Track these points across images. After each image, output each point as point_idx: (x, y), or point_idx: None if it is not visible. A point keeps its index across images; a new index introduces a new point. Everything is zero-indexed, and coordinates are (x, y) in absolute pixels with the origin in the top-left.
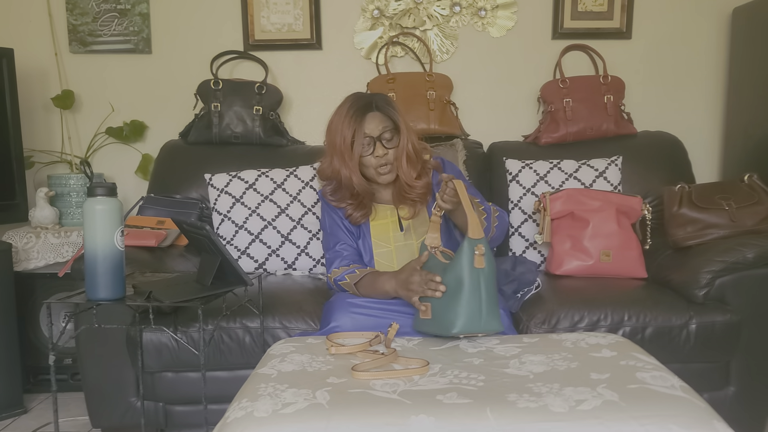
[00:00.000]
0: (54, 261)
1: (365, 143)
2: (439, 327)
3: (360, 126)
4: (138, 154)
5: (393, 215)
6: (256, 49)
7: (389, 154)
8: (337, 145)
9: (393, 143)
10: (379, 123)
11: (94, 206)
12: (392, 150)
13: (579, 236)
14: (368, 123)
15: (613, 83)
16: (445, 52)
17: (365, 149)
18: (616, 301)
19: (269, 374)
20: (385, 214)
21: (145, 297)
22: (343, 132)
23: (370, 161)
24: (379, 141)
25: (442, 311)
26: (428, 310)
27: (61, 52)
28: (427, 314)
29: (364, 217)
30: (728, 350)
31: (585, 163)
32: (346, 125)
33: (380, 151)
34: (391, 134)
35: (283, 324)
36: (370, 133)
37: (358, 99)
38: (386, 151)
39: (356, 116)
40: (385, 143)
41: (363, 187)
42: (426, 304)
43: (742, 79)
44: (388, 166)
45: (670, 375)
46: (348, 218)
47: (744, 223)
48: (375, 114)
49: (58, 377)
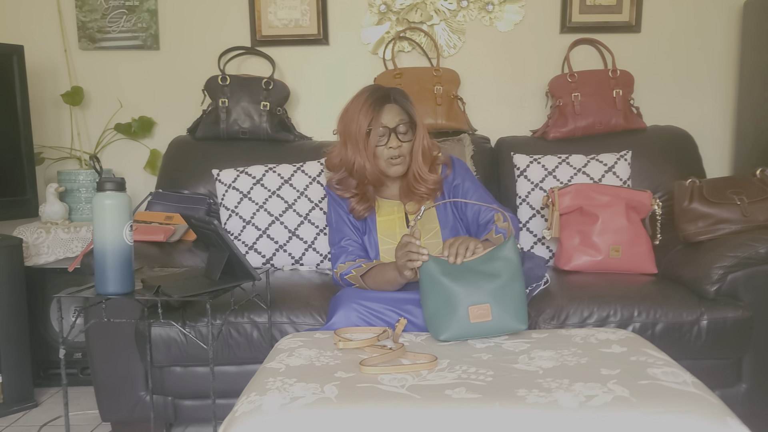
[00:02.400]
0: (64, 256)
1: (381, 133)
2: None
3: (377, 116)
4: (146, 149)
5: (400, 211)
6: (264, 45)
7: (403, 147)
8: (353, 132)
9: (407, 137)
10: (396, 115)
11: (103, 201)
12: (406, 144)
13: (588, 231)
14: (385, 114)
15: (622, 77)
16: (453, 46)
17: (380, 140)
18: (626, 296)
19: (277, 368)
20: (391, 210)
21: (154, 291)
22: (360, 121)
23: (383, 152)
24: (395, 133)
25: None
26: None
27: (71, 48)
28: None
29: (367, 210)
30: (740, 347)
31: (594, 157)
32: (363, 114)
33: (394, 142)
34: (406, 128)
35: (290, 319)
36: (386, 124)
37: (376, 90)
38: (400, 144)
39: (374, 106)
40: (400, 136)
41: (374, 176)
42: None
43: (754, 73)
44: (400, 158)
45: (682, 371)
46: (351, 212)
47: (756, 218)
48: (392, 106)
49: (68, 371)
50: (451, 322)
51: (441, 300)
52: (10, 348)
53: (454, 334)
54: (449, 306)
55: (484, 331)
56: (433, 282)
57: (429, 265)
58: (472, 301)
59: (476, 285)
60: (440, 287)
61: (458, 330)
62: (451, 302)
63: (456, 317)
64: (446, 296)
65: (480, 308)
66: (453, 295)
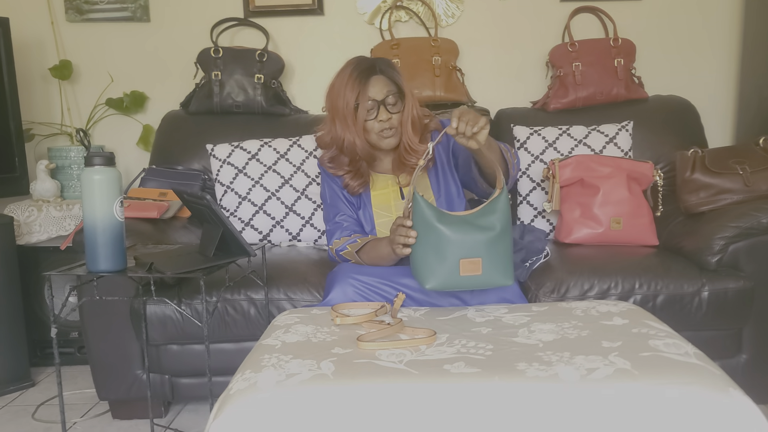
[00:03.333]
0: (56, 234)
1: (369, 107)
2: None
3: (364, 89)
4: (139, 125)
5: (394, 184)
6: (257, 16)
7: (393, 118)
8: (340, 109)
9: (397, 108)
10: (384, 87)
11: (92, 176)
12: (396, 115)
13: (589, 204)
14: (372, 86)
15: (623, 46)
16: (451, 16)
17: (369, 113)
18: (627, 268)
19: (273, 345)
20: (385, 184)
21: (147, 268)
22: (346, 96)
23: (374, 126)
24: (383, 105)
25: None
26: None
27: (57, 21)
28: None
29: (362, 186)
30: (741, 317)
31: (595, 128)
32: (349, 89)
33: (384, 115)
34: (395, 98)
35: (287, 295)
36: (374, 97)
37: (360, 62)
38: (390, 116)
39: (360, 79)
40: (389, 107)
41: (366, 152)
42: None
43: (757, 41)
44: (391, 130)
45: (684, 342)
46: (345, 188)
47: (759, 188)
48: (379, 77)
49: (64, 351)
50: (439, 270)
51: (431, 246)
52: (4, 328)
53: (440, 283)
54: (439, 254)
55: (472, 284)
56: (427, 226)
57: (424, 209)
58: (465, 254)
59: (470, 236)
60: (433, 233)
61: (446, 280)
62: (442, 250)
63: (445, 266)
64: (438, 243)
65: (472, 262)
66: (445, 242)
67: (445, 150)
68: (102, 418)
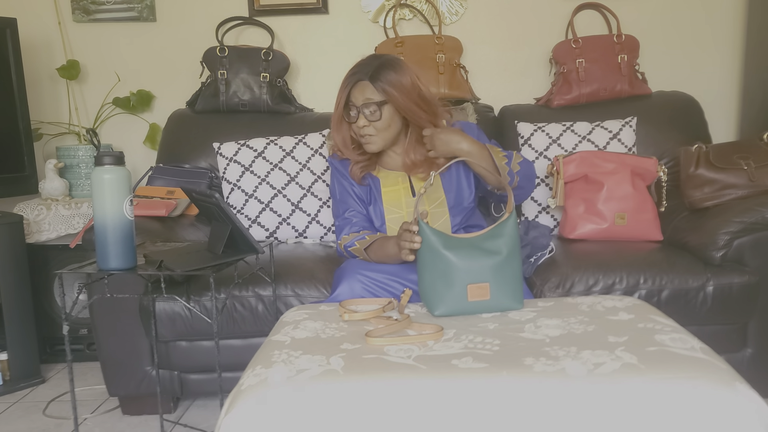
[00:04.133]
0: (66, 233)
1: (351, 110)
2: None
3: (347, 93)
4: (146, 124)
5: (405, 181)
6: (262, 15)
7: (370, 126)
8: (335, 107)
9: (374, 117)
10: (364, 94)
11: (102, 175)
12: (377, 122)
13: (593, 199)
14: (355, 91)
15: (627, 42)
16: (455, 13)
17: (351, 117)
18: (632, 264)
19: (283, 341)
20: (396, 181)
21: (157, 266)
22: (339, 96)
23: (355, 129)
24: (361, 111)
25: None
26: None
27: (65, 21)
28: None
29: (366, 169)
30: (746, 312)
31: (598, 124)
32: (341, 89)
33: (362, 121)
34: (375, 108)
35: (295, 292)
36: (354, 102)
37: (359, 65)
38: (366, 124)
39: (348, 82)
40: (367, 116)
41: (347, 150)
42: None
43: (761, 35)
44: (367, 137)
45: (690, 337)
46: (351, 172)
47: (763, 183)
48: (365, 84)
49: (74, 347)
50: (447, 296)
51: (438, 273)
52: (15, 325)
53: (449, 309)
54: (447, 280)
55: (480, 310)
56: (432, 254)
57: (430, 236)
58: (472, 279)
59: (477, 261)
60: (439, 260)
61: (454, 306)
62: (450, 277)
63: (453, 293)
64: (445, 270)
65: (479, 287)
66: (452, 269)
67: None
68: (112, 414)
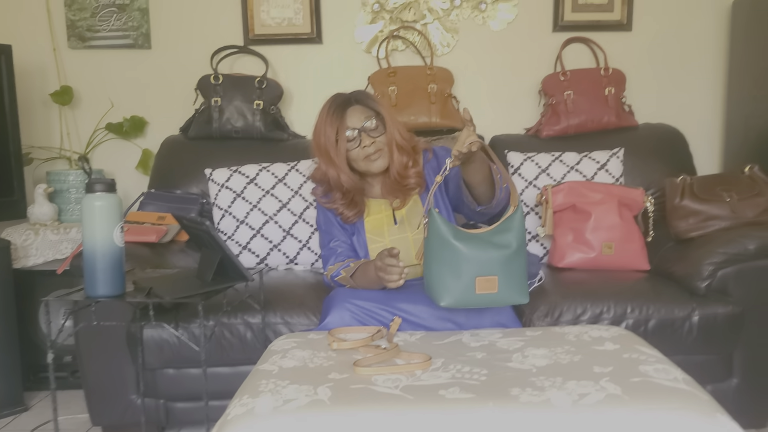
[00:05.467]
0: (53, 258)
1: (350, 137)
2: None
3: (342, 122)
4: (138, 149)
5: (387, 209)
6: (256, 44)
7: (377, 141)
8: (322, 145)
9: (378, 131)
10: (361, 114)
11: (92, 202)
12: (380, 138)
13: (581, 229)
14: (349, 117)
15: (614, 76)
16: (446, 45)
17: (351, 143)
18: (619, 293)
19: (270, 370)
20: (378, 209)
21: (146, 293)
22: (327, 132)
23: (359, 153)
24: (364, 132)
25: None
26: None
27: (60, 47)
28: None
29: (357, 216)
30: (731, 342)
31: (586, 155)
32: (328, 124)
33: (367, 141)
34: (375, 123)
35: (284, 319)
36: (353, 126)
37: (336, 98)
38: (373, 140)
39: (337, 113)
40: (370, 133)
41: (352, 184)
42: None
43: (743, 71)
44: (378, 152)
45: (673, 367)
46: (340, 216)
47: (745, 215)
48: (355, 108)
49: (57, 375)
50: (454, 287)
51: (447, 263)
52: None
53: (455, 300)
54: (455, 271)
55: (487, 302)
56: (441, 244)
57: (441, 226)
58: (480, 272)
59: (486, 253)
60: (449, 249)
61: (460, 297)
62: (458, 267)
63: (461, 284)
64: (454, 260)
65: (488, 280)
66: (461, 260)
67: (436, 173)
68: None
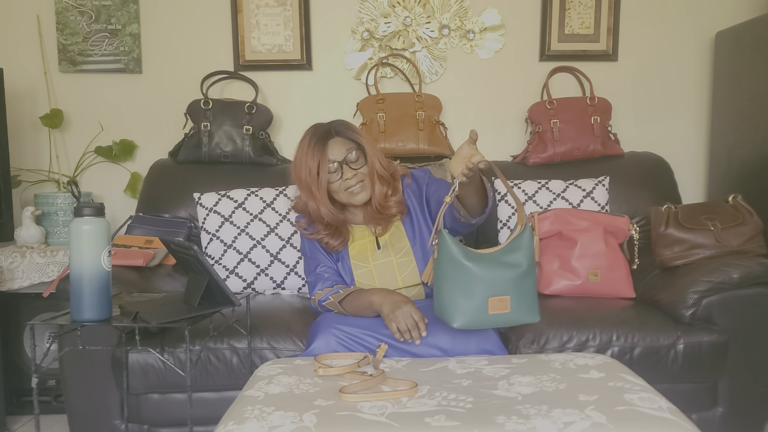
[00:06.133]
0: (39, 281)
1: (332, 170)
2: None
3: (323, 155)
4: (127, 172)
5: (370, 234)
6: (247, 70)
7: (358, 173)
8: (303, 178)
9: (360, 163)
10: (342, 146)
11: (81, 226)
12: (361, 169)
13: (567, 256)
14: (331, 149)
15: (599, 104)
16: (434, 73)
17: (333, 176)
18: (605, 321)
19: (256, 396)
20: (362, 235)
21: (132, 317)
22: (308, 164)
23: (340, 186)
24: (346, 164)
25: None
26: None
27: (51, 71)
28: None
29: (342, 244)
30: (716, 370)
31: (572, 183)
32: (309, 157)
33: (348, 173)
34: (356, 155)
35: (271, 344)
36: (334, 159)
37: (317, 129)
38: (354, 172)
39: (317, 146)
40: (351, 165)
41: (333, 217)
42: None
43: (726, 102)
44: (359, 185)
45: (658, 396)
46: (325, 246)
47: (729, 244)
48: (336, 140)
49: (41, 399)
50: (467, 308)
51: (459, 284)
52: None
53: (468, 321)
54: (467, 291)
55: (499, 322)
56: (454, 264)
57: (452, 247)
58: (493, 292)
59: (498, 273)
60: (461, 270)
61: (473, 318)
62: (470, 288)
63: (473, 304)
64: (466, 281)
65: (500, 300)
66: (473, 280)
67: (417, 197)
68: None
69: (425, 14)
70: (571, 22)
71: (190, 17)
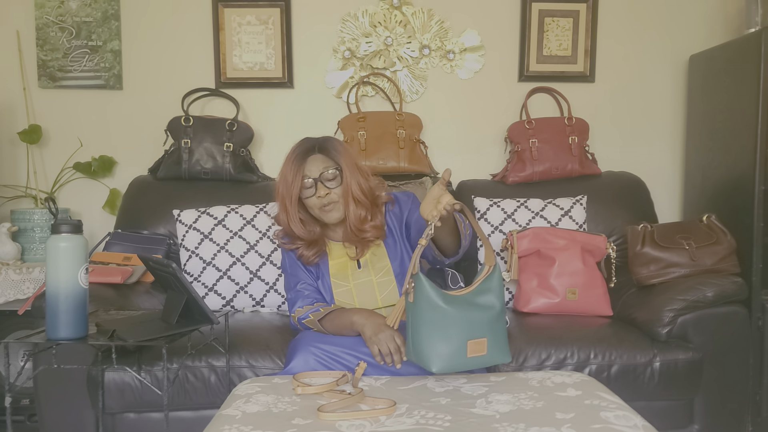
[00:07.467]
0: (14, 298)
1: (307, 185)
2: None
3: (300, 169)
4: (106, 189)
5: (351, 253)
6: (228, 87)
7: (331, 193)
8: (280, 191)
9: (335, 183)
10: (320, 164)
11: (57, 243)
12: (335, 189)
13: (545, 274)
14: (309, 165)
15: (577, 125)
16: (415, 92)
17: (308, 191)
18: (583, 339)
19: (233, 415)
20: (341, 253)
21: (109, 336)
22: (287, 178)
23: (314, 202)
24: (320, 182)
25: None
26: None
27: (30, 87)
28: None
29: (317, 256)
30: (691, 388)
31: (551, 202)
32: (289, 171)
33: (322, 191)
34: (333, 174)
35: (249, 362)
36: (310, 175)
37: (301, 144)
38: (328, 191)
39: (297, 161)
40: (326, 183)
41: (303, 232)
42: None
43: (699, 123)
44: (331, 204)
45: (634, 414)
46: (300, 258)
47: (704, 263)
48: (316, 156)
49: (14, 418)
50: (445, 352)
51: (438, 328)
52: None
53: (446, 365)
54: (446, 336)
55: (476, 364)
56: (432, 308)
57: (429, 291)
58: (471, 335)
59: (475, 315)
60: (440, 314)
61: (451, 362)
62: (448, 331)
63: (451, 348)
64: (444, 325)
65: (478, 343)
66: (452, 324)
67: (398, 220)
68: None
69: (406, 34)
70: (549, 44)
71: (172, 34)
